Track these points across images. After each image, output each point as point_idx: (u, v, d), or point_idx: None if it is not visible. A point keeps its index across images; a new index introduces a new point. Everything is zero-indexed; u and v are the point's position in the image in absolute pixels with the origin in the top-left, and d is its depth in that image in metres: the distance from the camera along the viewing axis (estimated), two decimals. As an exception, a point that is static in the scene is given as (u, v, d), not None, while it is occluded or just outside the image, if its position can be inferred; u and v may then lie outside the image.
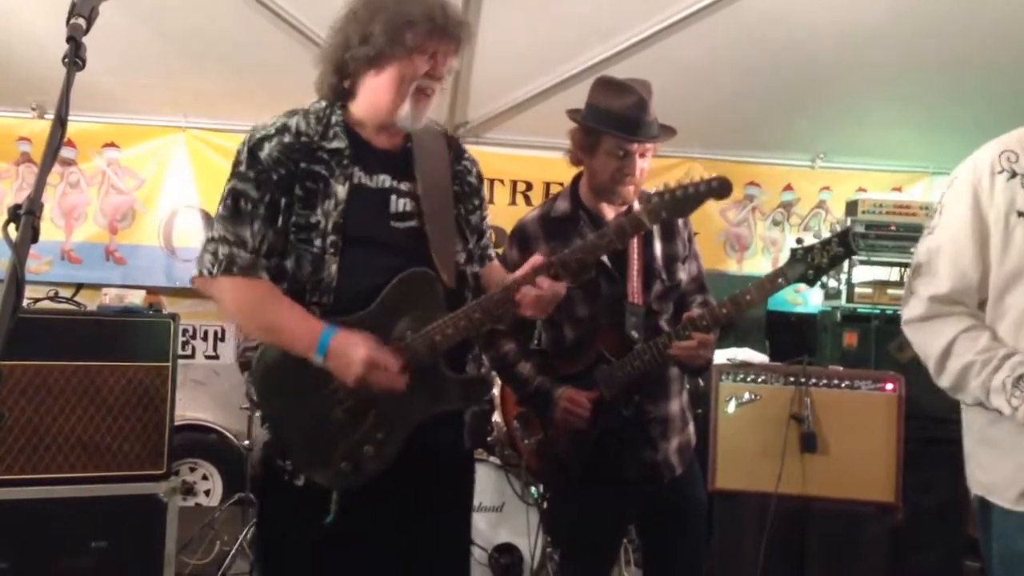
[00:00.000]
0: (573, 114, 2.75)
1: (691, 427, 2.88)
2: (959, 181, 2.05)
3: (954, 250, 2.02)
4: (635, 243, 2.71)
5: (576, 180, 2.83)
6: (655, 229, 2.77)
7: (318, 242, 2.04)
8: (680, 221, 2.84)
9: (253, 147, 2.07)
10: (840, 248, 2.44)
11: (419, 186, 2.17)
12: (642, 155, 2.66)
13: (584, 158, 2.73)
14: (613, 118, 2.63)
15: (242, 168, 2.06)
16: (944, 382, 2.04)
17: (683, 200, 2.17)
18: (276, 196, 2.04)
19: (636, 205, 2.71)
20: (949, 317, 2.02)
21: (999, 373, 1.91)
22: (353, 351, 1.95)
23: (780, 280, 2.50)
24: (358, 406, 2.04)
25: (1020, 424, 1.89)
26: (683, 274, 2.82)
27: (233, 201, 2.05)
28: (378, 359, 1.96)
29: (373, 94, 2.10)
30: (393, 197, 2.14)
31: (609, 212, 2.77)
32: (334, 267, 2.04)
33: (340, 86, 2.15)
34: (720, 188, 2.16)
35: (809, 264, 2.46)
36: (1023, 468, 1.93)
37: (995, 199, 1.97)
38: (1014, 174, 1.97)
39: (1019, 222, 1.94)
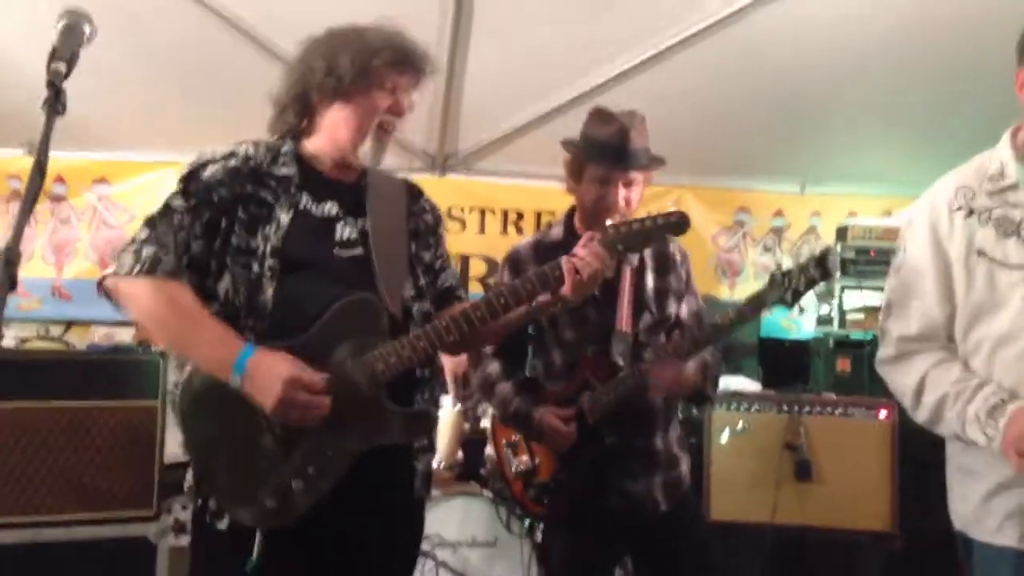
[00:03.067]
0: (566, 144, 2.78)
1: (683, 467, 2.82)
2: (919, 219, 2.08)
3: (919, 290, 2.05)
4: (626, 272, 2.72)
5: (573, 209, 2.86)
6: (648, 261, 2.79)
7: (255, 267, 1.96)
8: (678, 256, 2.85)
9: (196, 168, 2.01)
10: (817, 271, 2.40)
11: (369, 220, 2.10)
12: (627, 184, 2.67)
13: (573, 186, 2.77)
14: (595, 146, 2.68)
15: (181, 186, 2.00)
16: (921, 417, 2.05)
17: (640, 234, 2.08)
18: (215, 216, 1.98)
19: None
20: (920, 353, 2.05)
21: (972, 404, 1.92)
22: (274, 371, 1.82)
23: (758, 303, 2.49)
24: (288, 437, 1.90)
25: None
26: (680, 309, 2.82)
27: (165, 212, 1.97)
28: (301, 379, 1.83)
29: (333, 129, 2.07)
30: (339, 225, 2.07)
31: None
32: (270, 291, 1.95)
33: (298, 124, 2.12)
34: (678, 224, 2.08)
35: (787, 287, 2.44)
36: (994, 493, 1.94)
37: (955, 238, 2.00)
38: (971, 211, 2.00)
39: (979, 261, 1.97)
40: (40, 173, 1.27)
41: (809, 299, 2.55)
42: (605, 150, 2.65)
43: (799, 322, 5.71)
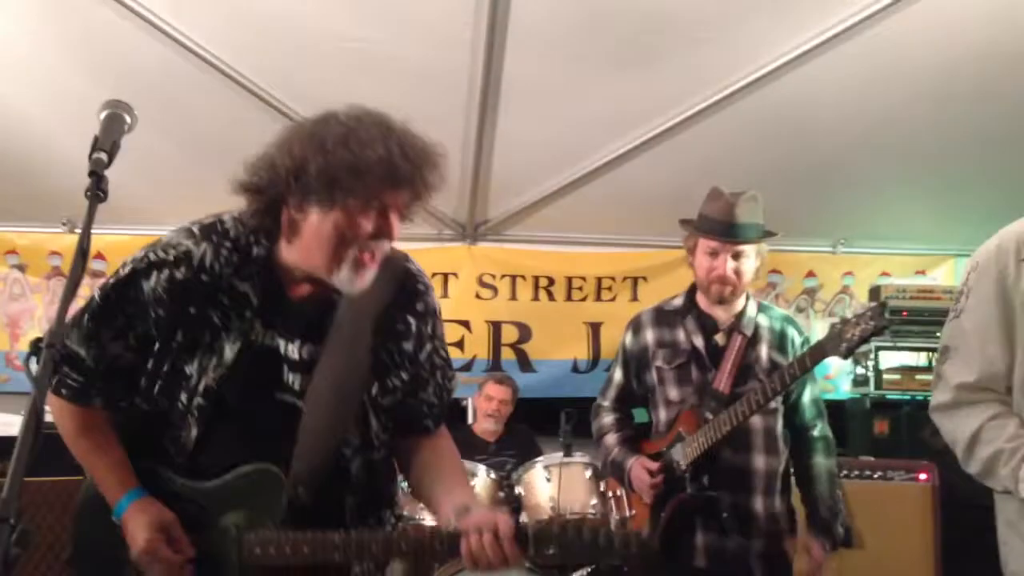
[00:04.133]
0: (683, 223, 3.02)
1: (787, 543, 2.85)
2: (982, 266, 2.06)
3: (981, 337, 2.02)
4: (737, 340, 2.88)
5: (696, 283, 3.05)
6: (765, 335, 2.93)
7: (183, 397, 1.80)
8: (798, 340, 2.97)
9: (139, 272, 1.78)
10: (871, 322, 2.48)
11: (324, 353, 1.83)
12: (736, 256, 2.85)
13: (691, 260, 2.98)
14: (705, 222, 2.89)
15: (114, 287, 1.80)
16: (972, 469, 2.03)
17: (574, 547, 1.66)
18: (148, 331, 1.79)
19: (749, 310, 2.95)
20: (977, 404, 2.02)
21: None
22: (138, 532, 1.76)
23: (819, 354, 2.59)
24: None
25: None
26: (802, 394, 2.95)
27: (89, 317, 1.80)
28: (159, 553, 1.76)
29: (308, 246, 1.74)
30: (286, 368, 1.83)
31: (719, 312, 2.95)
32: (193, 432, 1.80)
33: (271, 222, 1.78)
34: (623, 554, 1.69)
35: (841, 339, 2.52)
36: None
37: (1021, 286, 1.97)
38: None
39: None
40: (83, 258, 1.31)
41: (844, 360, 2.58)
42: (713, 224, 2.85)
43: (836, 382, 5.66)
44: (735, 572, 2.74)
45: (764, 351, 2.90)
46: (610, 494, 3.10)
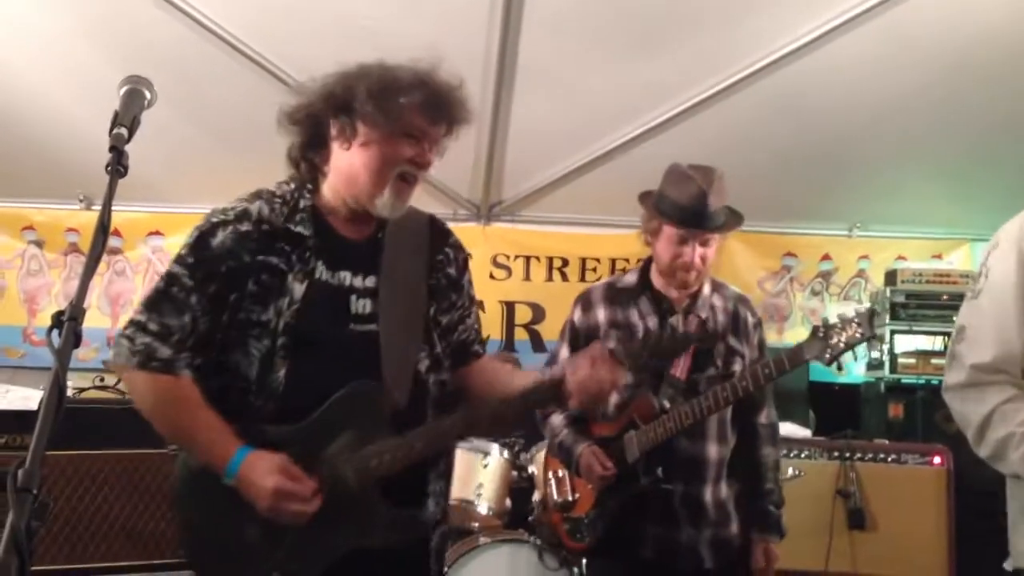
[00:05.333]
0: (644, 198, 2.85)
1: (734, 527, 2.80)
2: (1003, 245, 2.02)
3: (999, 317, 1.98)
4: (692, 323, 2.78)
5: (650, 258, 2.92)
6: (720, 317, 2.84)
7: (266, 342, 1.87)
8: (751, 320, 2.88)
9: (205, 232, 1.90)
10: (859, 332, 2.38)
11: (382, 283, 1.99)
12: (703, 244, 2.73)
13: (650, 240, 2.84)
14: (674, 208, 2.72)
15: (187, 253, 1.90)
16: (983, 452, 2.01)
17: (665, 350, 2.04)
18: (222, 288, 1.87)
19: (705, 290, 2.84)
20: (991, 386, 1.98)
21: None
22: (262, 480, 1.78)
23: (796, 358, 2.47)
24: (273, 531, 1.83)
25: None
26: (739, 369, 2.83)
27: (167, 286, 1.88)
28: (288, 489, 1.79)
29: (349, 176, 1.94)
30: (353, 298, 1.96)
31: (673, 291, 2.83)
32: (282, 372, 1.87)
33: (312, 161, 2.00)
34: (709, 339, 2.18)
35: (826, 344, 2.42)
36: None
37: None
38: None
39: None
40: (104, 234, 1.31)
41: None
42: (683, 212, 2.69)
43: (850, 366, 5.64)
44: (686, 563, 2.69)
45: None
46: (550, 475, 2.98)
